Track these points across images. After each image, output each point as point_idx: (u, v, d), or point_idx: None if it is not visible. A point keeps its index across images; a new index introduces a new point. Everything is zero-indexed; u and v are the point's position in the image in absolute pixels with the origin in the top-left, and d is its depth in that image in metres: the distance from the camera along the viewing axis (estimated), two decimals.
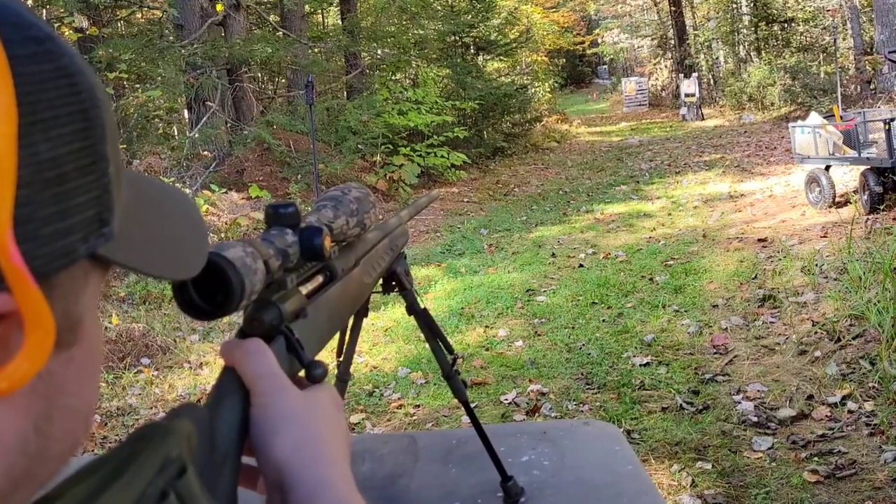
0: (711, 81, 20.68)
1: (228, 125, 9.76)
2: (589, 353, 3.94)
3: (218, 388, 0.54)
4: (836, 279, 4.40)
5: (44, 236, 0.31)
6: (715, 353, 3.77)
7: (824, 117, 7.01)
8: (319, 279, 0.79)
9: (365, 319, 1.29)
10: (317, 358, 0.70)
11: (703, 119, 16.94)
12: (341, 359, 1.31)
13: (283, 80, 12.82)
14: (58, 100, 0.32)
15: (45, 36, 0.32)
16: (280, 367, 0.66)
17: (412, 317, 1.28)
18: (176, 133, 10.57)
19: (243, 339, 0.58)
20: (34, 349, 0.31)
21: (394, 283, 1.20)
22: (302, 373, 0.68)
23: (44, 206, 0.31)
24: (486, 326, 4.55)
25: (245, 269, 0.58)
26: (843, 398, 3.06)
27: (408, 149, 10.22)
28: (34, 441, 0.34)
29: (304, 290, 0.75)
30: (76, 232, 0.33)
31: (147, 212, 0.42)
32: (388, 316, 4.75)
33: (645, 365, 3.70)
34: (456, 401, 1.34)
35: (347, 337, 1.30)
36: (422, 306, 1.28)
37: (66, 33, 8.98)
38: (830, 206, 6.31)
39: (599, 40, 30.81)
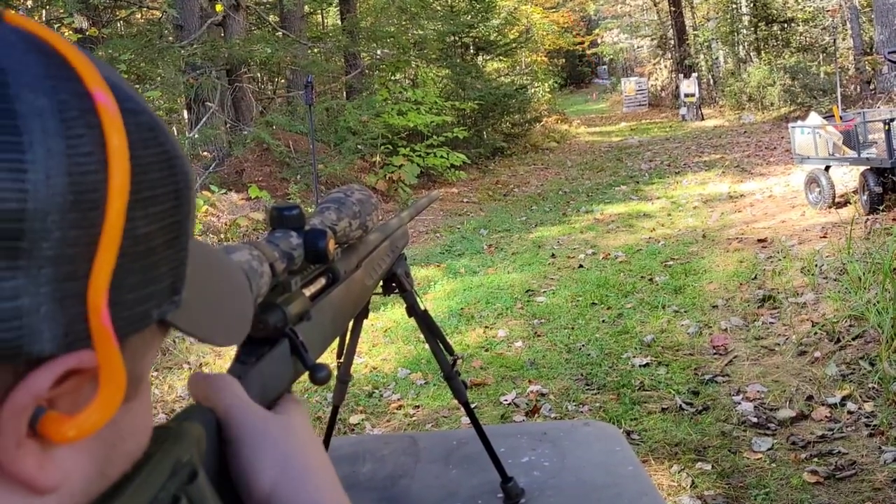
0: (711, 81, 20.69)
1: (228, 125, 9.75)
2: (588, 354, 3.94)
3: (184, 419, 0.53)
4: (835, 280, 4.40)
5: (128, 301, 0.35)
6: (715, 354, 3.77)
7: (824, 118, 7.02)
8: (322, 281, 0.80)
9: (365, 319, 1.30)
10: (319, 360, 0.71)
11: (702, 119, 16.95)
12: (342, 360, 1.31)
13: (283, 81, 12.82)
14: (160, 181, 0.36)
15: (155, 123, 0.36)
16: (280, 372, 0.66)
17: (412, 318, 1.28)
18: (175, 133, 10.57)
19: (211, 374, 0.57)
20: (106, 402, 0.34)
21: (394, 284, 1.21)
22: (306, 375, 0.68)
23: (132, 275, 0.34)
24: (486, 327, 4.55)
25: (252, 273, 0.58)
26: (843, 399, 3.06)
27: (407, 149, 10.22)
28: (96, 483, 0.37)
29: (308, 292, 0.75)
30: (154, 299, 0.36)
31: (202, 278, 0.45)
32: (387, 317, 4.75)
33: (645, 365, 3.70)
34: (456, 401, 1.34)
35: (348, 338, 1.30)
36: (422, 308, 1.28)
37: (66, 34, 8.98)
38: (830, 207, 6.32)
39: (599, 40, 30.80)
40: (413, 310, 1.27)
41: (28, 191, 0.30)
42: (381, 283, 1.18)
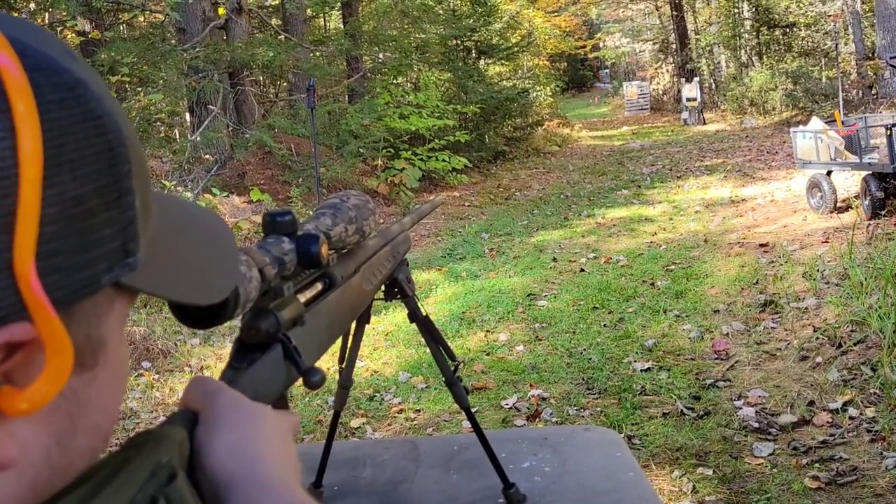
0: (713, 86, 20.69)
1: (230, 129, 9.77)
2: (590, 358, 3.93)
3: (170, 417, 0.52)
4: (837, 284, 4.40)
5: (67, 268, 0.34)
6: (716, 359, 3.77)
7: (826, 122, 7.01)
8: (318, 287, 0.80)
9: (370, 322, 1.30)
10: (316, 364, 0.71)
11: (704, 123, 16.94)
12: (343, 365, 1.31)
13: (285, 84, 12.84)
14: (84, 141, 0.34)
15: (75, 81, 0.35)
16: (272, 377, 0.66)
17: (414, 323, 1.28)
18: (178, 136, 10.59)
19: (208, 378, 0.56)
20: (53, 373, 0.33)
21: (396, 290, 1.21)
22: (300, 380, 0.68)
23: (68, 241, 0.33)
24: (487, 331, 4.54)
25: (239, 278, 0.58)
26: (845, 404, 3.05)
27: (409, 153, 10.22)
28: (57, 455, 0.36)
29: (303, 297, 0.75)
30: (100, 263, 0.35)
31: (176, 238, 0.44)
32: (388, 320, 4.75)
33: (646, 370, 3.70)
34: (457, 405, 1.34)
35: (350, 343, 1.30)
36: (424, 313, 1.28)
37: (69, 36, 9.00)
38: (832, 212, 6.31)
39: (601, 44, 30.82)
40: (415, 315, 1.27)
41: None
42: (382, 288, 1.18)
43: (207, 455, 0.49)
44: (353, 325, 1.27)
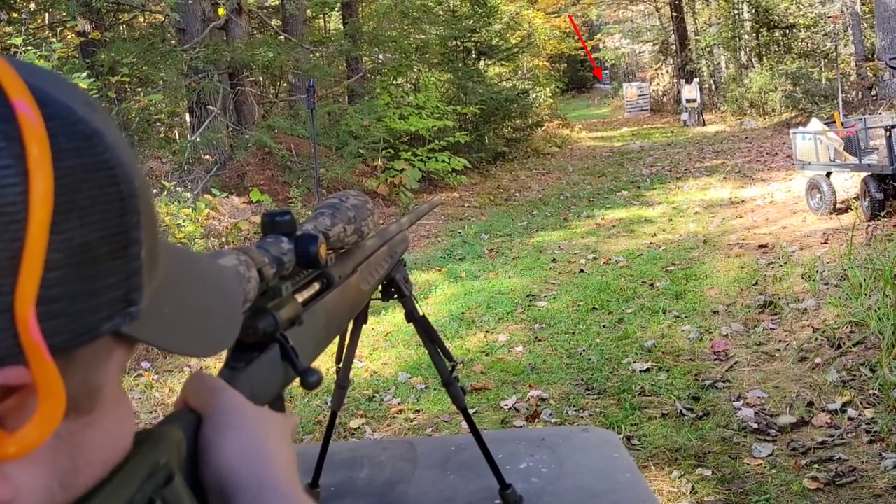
0: (713, 87, 20.69)
1: (230, 129, 9.77)
2: (589, 359, 3.93)
3: (168, 417, 0.52)
4: (836, 286, 4.40)
5: (68, 314, 0.34)
6: (715, 360, 3.77)
7: (825, 123, 7.01)
8: (316, 286, 0.80)
9: (365, 325, 1.30)
10: (313, 365, 0.71)
11: (704, 124, 16.94)
12: (341, 365, 1.31)
13: (285, 85, 12.84)
14: (97, 190, 0.34)
15: (92, 131, 0.35)
16: (270, 377, 0.66)
17: (411, 323, 1.29)
18: (177, 137, 10.59)
19: (207, 374, 0.56)
20: (44, 418, 0.33)
21: (393, 290, 1.21)
22: (297, 381, 0.68)
23: (72, 287, 0.33)
24: (487, 331, 4.54)
25: (238, 279, 0.58)
26: (844, 405, 3.05)
27: (409, 153, 10.22)
28: (59, 494, 0.36)
29: (301, 297, 0.75)
30: (101, 311, 0.35)
31: (182, 289, 0.44)
32: (388, 321, 4.75)
33: (645, 371, 3.70)
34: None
35: (347, 343, 1.30)
36: (420, 313, 1.28)
37: (69, 37, 9.00)
38: (831, 213, 6.31)
39: (601, 45, 30.83)
40: (412, 315, 1.27)
41: None
42: (380, 288, 1.18)
43: (216, 455, 0.49)
44: (351, 325, 1.27)
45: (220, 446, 0.50)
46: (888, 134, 5.66)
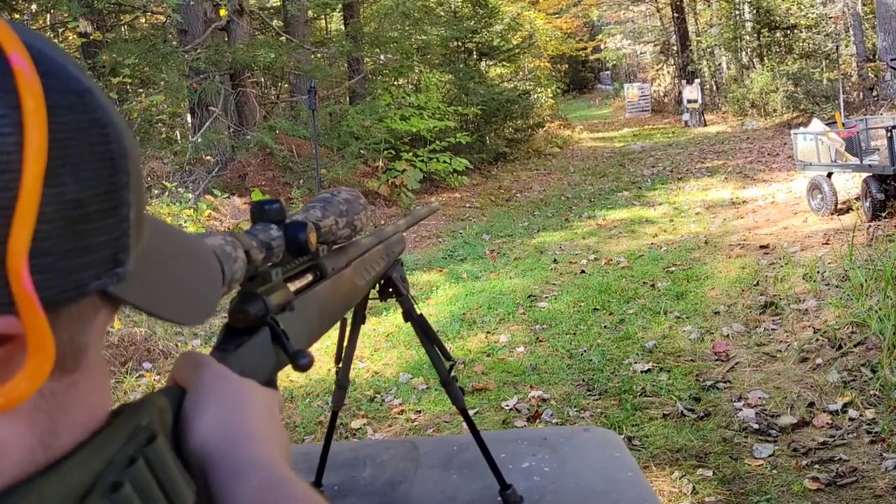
0: (714, 87, 20.69)
1: (231, 130, 9.78)
2: (590, 360, 3.94)
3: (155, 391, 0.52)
4: (837, 286, 4.40)
5: (58, 269, 0.34)
6: (716, 360, 3.77)
7: (826, 124, 7.01)
8: (309, 277, 0.80)
9: (365, 325, 1.31)
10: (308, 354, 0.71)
11: (705, 125, 16.94)
12: (340, 366, 1.32)
13: (286, 86, 12.85)
14: (89, 147, 0.35)
15: (84, 89, 0.36)
16: (260, 360, 0.66)
17: (409, 323, 1.29)
18: (179, 138, 10.61)
19: (195, 353, 0.56)
20: (33, 371, 0.33)
21: (390, 289, 1.22)
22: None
23: (62, 242, 0.34)
24: (488, 332, 4.55)
25: (224, 256, 0.59)
26: (845, 406, 3.06)
27: (410, 154, 10.23)
28: (41, 453, 0.36)
29: (293, 286, 0.75)
30: (90, 269, 0.35)
31: (165, 258, 0.45)
32: (389, 321, 4.76)
33: (646, 371, 3.70)
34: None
35: (346, 343, 1.30)
36: (418, 312, 1.29)
37: (70, 38, 9.02)
38: (832, 213, 6.31)
39: (602, 46, 30.83)
40: (409, 314, 1.28)
41: None
42: (377, 286, 1.19)
43: (192, 428, 0.49)
44: (349, 326, 1.28)
45: (196, 419, 0.49)
46: (889, 134, 5.65)
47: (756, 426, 3.01)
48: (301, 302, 0.75)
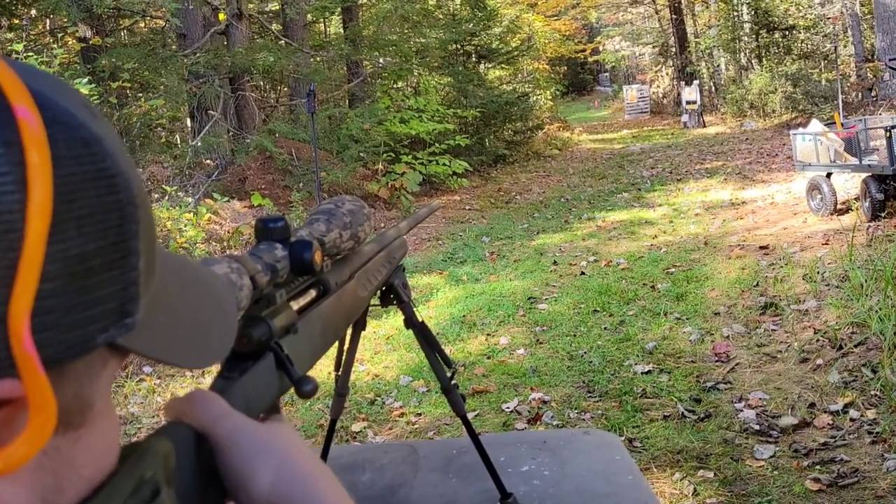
0: (713, 89, 20.70)
1: (231, 134, 9.78)
2: (590, 361, 3.93)
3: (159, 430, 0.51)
4: (837, 287, 4.40)
5: (63, 325, 0.33)
6: (717, 361, 3.77)
7: (825, 124, 7.01)
8: (312, 293, 0.79)
9: (364, 330, 1.29)
10: (309, 373, 0.70)
11: (704, 126, 16.95)
12: (339, 373, 1.31)
13: (285, 89, 12.85)
14: (95, 199, 0.33)
15: (91, 137, 0.34)
16: (264, 386, 0.65)
17: (410, 329, 1.28)
18: (178, 142, 10.60)
19: (189, 392, 0.55)
20: (34, 433, 0.32)
21: (392, 295, 1.20)
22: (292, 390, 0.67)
23: (67, 298, 0.32)
24: (488, 334, 4.54)
25: (230, 286, 0.58)
26: (845, 406, 3.05)
27: (409, 157, 10.23)
28: None
29: (296, 305, 0.74)
30: (96, 322, 0.34)
31: (177, 300, 0.43)
32: (389, 324, 4.75)
33: (646, 373, 3.70)
34: None
35: (346, 350, 1.29)
36: (419, 319, 1.28)
37: (70, 43, 9.02)
38: (832, 214, 6.31)
39: (601, 48, 30.85)
40: (411, 321, 1.27)
41: None
42: (378, 294, 1.17)
43: (253, 483, 0.49)
44: (349, 332, 1.26)
45: (255, 479, 0.49)
46: (888, 135, 5.66)
47: (757, 427, 3.00)
48: (305, 323, 0.74)
